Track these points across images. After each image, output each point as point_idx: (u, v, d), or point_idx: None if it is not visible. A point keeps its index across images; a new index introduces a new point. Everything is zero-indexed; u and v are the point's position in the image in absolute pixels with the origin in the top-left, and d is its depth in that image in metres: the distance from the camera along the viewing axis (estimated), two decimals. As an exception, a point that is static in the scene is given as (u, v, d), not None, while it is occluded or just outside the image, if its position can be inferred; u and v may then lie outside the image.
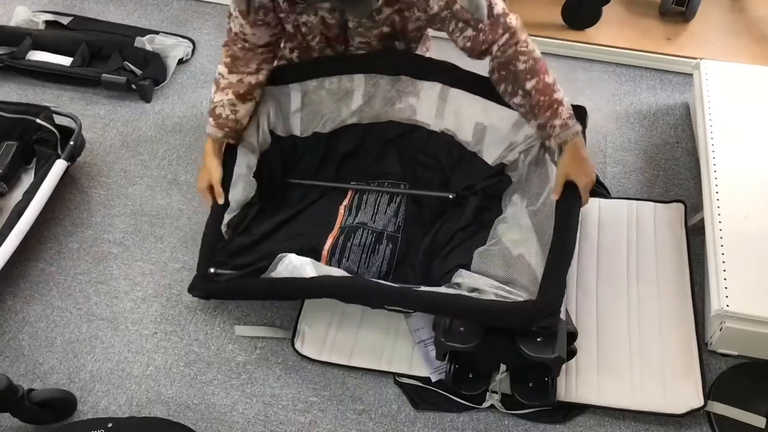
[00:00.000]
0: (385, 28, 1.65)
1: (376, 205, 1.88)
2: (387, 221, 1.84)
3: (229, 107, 1.74)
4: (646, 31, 2.58)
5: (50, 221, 2.02)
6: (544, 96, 1.56)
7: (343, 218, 1.86)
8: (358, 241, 1.77)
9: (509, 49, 1.57)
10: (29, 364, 1.74)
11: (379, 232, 1.81)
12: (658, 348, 1.70)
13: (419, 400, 1.67)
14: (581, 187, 1.58)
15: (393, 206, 1.88)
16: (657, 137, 2.28)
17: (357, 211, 1.87)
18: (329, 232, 1.81)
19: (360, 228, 1.80)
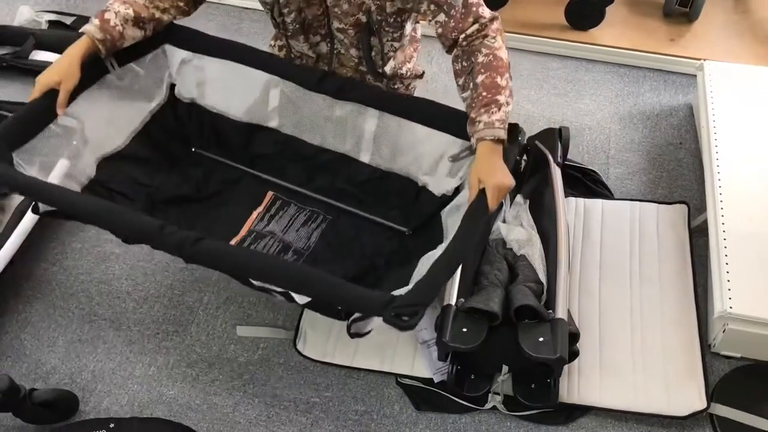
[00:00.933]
0: (361, 15, 1.60)
1: (290, 221, 1.82)
2: (298, 238, 1.79)
3: (120, 20, 1.62)
4: (649, 32, 2.58)
5: (53, 221, 2.02)
6: (487, 92, 1.47)
7: (252, 223, 1.81)
8: (262, 247, 1.74)
9: (475, 41, 1.51)
10: (31, 364, 1.74)
11: (286, 244, 1.77)
12: (661, 350, 1.70)
13: (421, 402, 1.67)
14: (488, 189, 1.42)
15: (307, 228, 1.81)
16: (660, 138, 2.28)
17: (270, 220, 1.82)
18: (234, 235, 1.76)
19: (267, 236, 1.78)
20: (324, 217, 1.84)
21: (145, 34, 1.69)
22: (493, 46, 1.50)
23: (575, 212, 1.98)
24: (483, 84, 1.48)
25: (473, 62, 1.51)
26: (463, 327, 1.52)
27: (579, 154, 2.22)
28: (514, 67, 2.49)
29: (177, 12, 1.72)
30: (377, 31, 1.64)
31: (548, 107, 2.39)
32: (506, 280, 1.64)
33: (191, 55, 1.80)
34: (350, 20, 1.60)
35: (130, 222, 1.42)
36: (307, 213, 1.84)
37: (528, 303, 1.51)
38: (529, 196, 1.87)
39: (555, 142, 1.92)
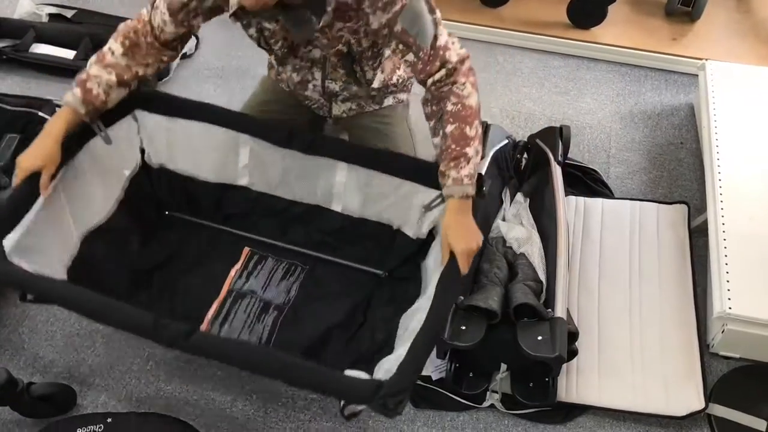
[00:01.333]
0: (341, 46, 1.60)
1: (269, 276, 1.84)
2: (277, 294, 1.81)
3: (104, 87, 1.60)
4: (651, 31, 2.57)
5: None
6: (456, 145, 1.48)
7: (231, 281, 1.83)
8: (244, 308, 1.77)
9: (443, 87, 1.50)
10: (29, 358, 1.74)
11: (267, 302, 1.79)
12: (660, 349, 1.70)
13: (419, 399, 1.66)
14: (457, 253, 1.45)
15: (286, 282, 1.83)
16: (661, 138, 2.28)
17: (249, 277, 1.84)
18: (215, 296, 1.79)
19: (248, 296, 1.80)
20: (302, 268, 1.86)
21: (129, 90, 1.67)
22: (462, 95, 1.49)
23: (575, 211, 1.97)
24: (452, 135, 1.49)
25: (442, 109, 1.51)
26: (461, 325, 1.51)
27: (580, 152, 2.22)
28: (516, 65, 2.51)
29: (162, 62, 1.69)
30: (358, 60, 1.65)
31: (549, 105, 2.38)
32: (506, 279, 1.64)
33: (162, 118, 1.79)
34: (331, 51, 1.62)
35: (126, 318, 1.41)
36: (285, 266, 1.87)
37: (527, 301, 1.51)
38: (530, 195, 1.87)
39: (556, 141, 1.92)
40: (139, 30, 1.63)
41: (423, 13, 1.46)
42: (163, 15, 1.59)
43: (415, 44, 1.48)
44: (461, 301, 1.55)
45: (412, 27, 1.46)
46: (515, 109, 2.37)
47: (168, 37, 1.63)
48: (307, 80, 1.71)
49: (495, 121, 2.25)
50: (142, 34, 1.63)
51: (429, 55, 1.49)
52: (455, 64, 1.49)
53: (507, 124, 2.31)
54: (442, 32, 1.49)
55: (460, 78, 1.50)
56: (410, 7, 1.45)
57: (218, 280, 1.83)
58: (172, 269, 1.84)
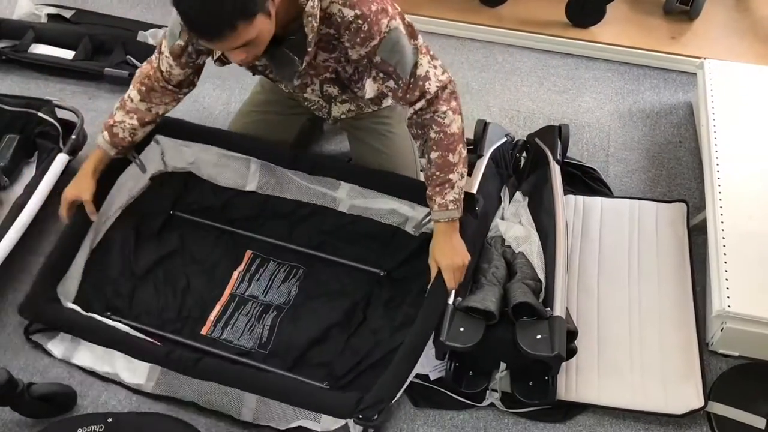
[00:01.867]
0: (328, 74, 1.64)
1: (270, 279, 1.87)
2: (278, 295, 1.84)
3: (129, 131, 1.77)
4: (650, 30, 2.58)
5: (51, 215, 2.01)
6: (440, 172, 1.55)
7: (234, 284, 1.86)
8: (246, 311, 1.80)
9: (425, 115, 1.54)
10: (29, 358, 1.74)
11: (267, 304, 1.82)
12: (659, 348, 1.70)
13: (419, 398, 1.67)
14: (444, 271, 1.57)
15: (287, 284, 1.85)
16: (660, 136, 2.28)
17: (251, 280, 1.87)
18: (218, 297, 1.83)
19: (249, 301, 1.83)
20: (303, 270, 1.88)
21: (156, 124, 1.83)
22: (443, 123, 1.53)
23: (574, 210, 1.98)
24: (436, 163, 1.55)
25: (426, 135, 1.56)
26: (460, 326, 1.52)
27: (578, 151, 2.22)
28: (515, 64, 2.51)
29: (180, 98, 1.79)
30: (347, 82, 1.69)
31: (548, 104, 2.39)
32: (504, 278, 1.65)
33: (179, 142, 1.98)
34: (321, 77, 1.67)
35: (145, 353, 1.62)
36: (286, 268, 1.89)
37: (526, 300, 1.51)
38: (529, 194, 1.87)
39: (555, 140, 1.93)
40: (151, 76, 1.72)
41: (403, 43, 1.48)
42: (167, 59, 1.66)
43: (395, 73, 1.51)
44: (459, 303, 1.55)
45: (392, 57, 1.49)
46: (514, 108, 2.37)
47: (178, 79, 1.71)
48: (306, 84, 1.72)
49: (494, 119, 2.25)
50: (155, 79, 1.71)
51: (408, 84, 1.51)
52: (435, 92, 1.52)
53: (506, 122, 2.31)
54: (422, 61, 1.51)
55: (440, 106, 1.53)
56: (389, 39, 1.47)
57: (221, 281, 1.85)
58: (176, 267, 1.87)
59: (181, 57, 1.64)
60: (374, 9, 1.43)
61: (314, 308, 1.79)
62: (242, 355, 1.70)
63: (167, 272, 1.86)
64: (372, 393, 1.49)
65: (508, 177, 1.93)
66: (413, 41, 1.50)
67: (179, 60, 1.65)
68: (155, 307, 1.79)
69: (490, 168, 1.87)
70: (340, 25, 1.45)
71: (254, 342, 1.74)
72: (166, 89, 1.73)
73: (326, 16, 1.44)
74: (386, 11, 1.45)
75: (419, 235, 1.83)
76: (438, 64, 1.54)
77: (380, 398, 1.48)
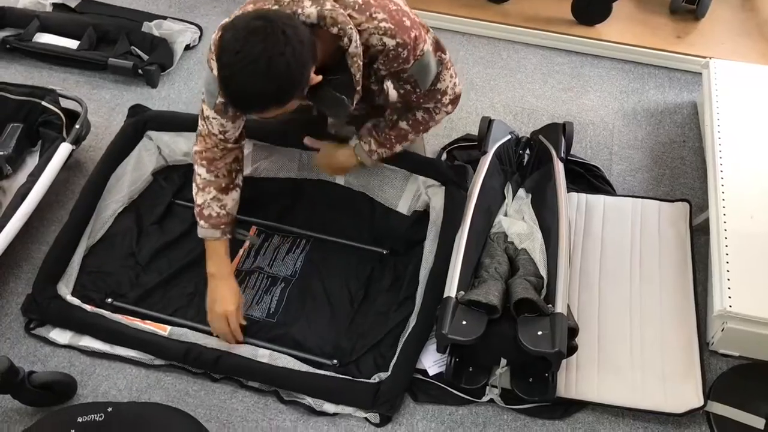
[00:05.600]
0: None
1: (276, 252, 1.90)
2: (284, 267, 1.88)
3: (215, 204, 1.67)
4: (655, 29, 2.57)
5: (54, 204, 2.02)
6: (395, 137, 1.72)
7: (240, 260, 1.88)
8: (252, 284, 1.84)
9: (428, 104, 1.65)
10: (30, 347, 1.74)
11: (274, 277, 1.85)
12: (659, 347, 1.70)
13: (419, 392, 1.67)
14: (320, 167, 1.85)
15: (293, 255, 1.90)
16: (664, 136, 2.28)
17: (256, 255, 1.89)
18: None
19: (256, 272, 1.85)
20: (306, 241, 1.92)
21: (239, 188, 1.73)
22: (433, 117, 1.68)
23: (577, 208, 1.97)
24: (398, 129, 1.70)
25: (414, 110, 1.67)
26: (462, 320, 1.52)
27: (582, 149, 2.22)
28: (520, 61, 2.50)
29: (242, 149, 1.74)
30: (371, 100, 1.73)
31: (552, 102, 2.38)
32: (506, 274, 1.65)
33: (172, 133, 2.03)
34: None
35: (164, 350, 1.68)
36: (290, 240, 1.92)
37: (528, 296, 1.51)
38: (532, 191, 1.87)
39: (558, 137, 1.92)
40: (208, 148, 1.66)
41: (431, 63, 1.55)
42: (216, 120, 1.60)
43: (416, 84, 1.56)
44: (462, 296, 1.55)
45: (418, 73, 1.54)
46: (518, 105, 2.37)
47: (234, 134, 1.66)
48: None
49: (498, 116, 2.25)
50: (212, 146, 1.66)
51: (426, 93, 1.58)
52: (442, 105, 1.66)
53: (510, 119, 2.31)
54: (444, 75, 1.58)
55: (441, 107, 1.66)
56: (421, 62, 1.51)
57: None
58: (181, 252, 1.89)
59: (228, 111, 1.58)
60: (413, 35, 1.45)
61: (319, 284, 1.83)
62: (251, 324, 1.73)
63: (171, 258, 1.87)
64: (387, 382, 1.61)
65: (512, 174, 1.92)
66: (438, 54, 1.56)
67: (228, 115, 1.59)
68: (160, 290, 1.80)
69: (494, 165, 1.87)
70: (379, 53, 1.45)
71: (262, 312, 1.77)
72: (226, 149, 1.66)
73: (366, 49, 1.44)
74: (421, 36, 1.48)
75: (411, 215, 1.91)
76: (455, 73, 1.62)
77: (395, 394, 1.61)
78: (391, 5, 1.43)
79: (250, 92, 1.29)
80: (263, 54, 1.25)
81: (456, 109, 1.71)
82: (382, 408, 1.60)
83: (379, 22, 1.40)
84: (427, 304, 1.71)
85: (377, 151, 1.74)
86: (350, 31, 1.37)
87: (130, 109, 2.08)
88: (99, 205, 1.91)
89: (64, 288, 1.77)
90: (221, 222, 1.68)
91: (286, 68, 1.27)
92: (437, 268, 1.73)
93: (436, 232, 1.84)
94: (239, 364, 1.65)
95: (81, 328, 1.73)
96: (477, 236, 1.71)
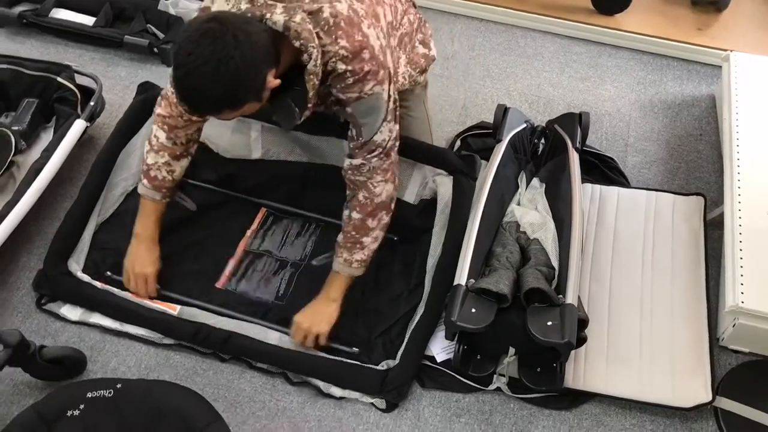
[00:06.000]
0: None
1: (284, 235, 1.90)
2: (293, 251, 1.87)
3: (165, 169, 1.70)
4: (676, 20, 2.54)
5: (67, 181, 2.02)
6: (356, 232, 1.62)
7: (248, 241, 1.88)
8: (261, 267, 1.83)
9: (360, 177, 1.58)
10: (41, 321, 1.76)
11: (282, 261, 1.85)
12: (669, 340, 1.69)
13: (426, 379, 1.67)
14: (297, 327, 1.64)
15: (302, 238, 1.89)
16: (680, 128, 2.25)
17: (264, 236, 1.89)
18: (231, 254, 1.85)
19: (264, 256, 1.85)
20: (316, 225, 1.92)
21: (191, 156, 1.75)
22: (374, 192, 1.59)
23: (590, 199, 1.96)
24: (354, 223, 1.62)
25: (354, 194, 1.61)
26: (472, 307, 1.51)
27: (597, 140, 2.20)
28: (537, 49, 2.48)
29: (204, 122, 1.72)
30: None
31: (569, 91, 2.36)
32: (518, 263, 1.64)
33: None
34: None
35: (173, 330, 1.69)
36: (300, 223, 1.92)
37: (538, 286, 1.51)
38: (546, 180, 1.86)
39: (574, 127, 1.91)
40: (172, 115, 1.66)
41: (379, 109, 1.50)
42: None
43: (359, 129, 1.53)
44: (472, 284, 1.55)
45: (362, 116, 1.51)
46: (534, 94, 2.35)
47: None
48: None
49: (514, 104, 2.23)
50: (177, 115, 1.66)
51: (364, 143, 1.54)
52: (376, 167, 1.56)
53: (525, 108, 2.29)
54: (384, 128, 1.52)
55: (376, 176, 1.58)
56: (366, 101, 1.48)
57: (235, 240, 1.88)
58: (189, 231, 1.89)
59: None
60: (366, 69, 1.43)
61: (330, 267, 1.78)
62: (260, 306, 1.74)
63: (180, 236, 1.87)
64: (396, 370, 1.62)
65: (526, 163, 1.91)
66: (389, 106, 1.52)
67: None
68: (168, 269, 1.80)
69: (509, 153, 1.86)
70: (331, 73, 1.44)
71: (270, 294, 1.77)
72: (189, 121, 1.67)
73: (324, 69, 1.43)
74: (376, 76, 1.45)
75: (419, 203, 1.91)
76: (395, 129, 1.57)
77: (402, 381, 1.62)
78: (357, 36, 1.41)
79: (200, 94, 1.30)
80: (212, 57, 1.25)
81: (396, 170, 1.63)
82: (389, 395, 1.61)
83: (339, 48, 1.40)
84: (434, 293, 1.71)
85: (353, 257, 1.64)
86: (311, 49, 1.36)
87: (139, 86, 2.07)
88: (109, 182, 1.91)
89: (75, 264, 1.77)
90: (164, 186, 1.72)
91: (234, 71, 1.26)
92: (445, 259, 1.73)
93: (444, 221, 1.83)
94: (248, 345, 1.65)
95: (91, 304, 1.74)
96: (489, 225, 1.70)
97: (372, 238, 1.63)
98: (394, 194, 1.63)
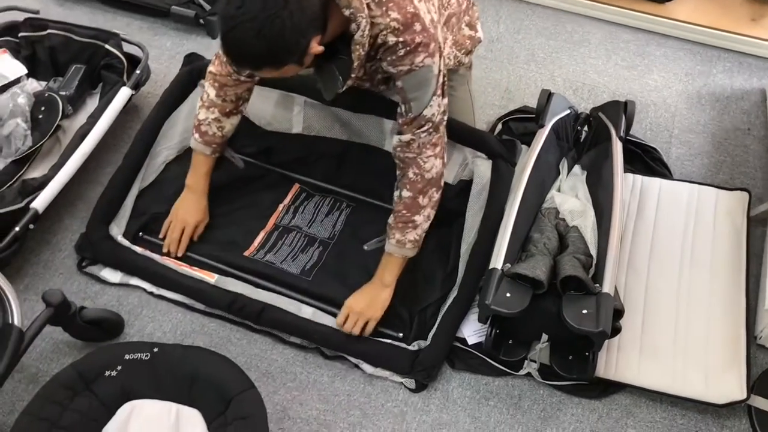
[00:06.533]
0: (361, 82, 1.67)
1: (315, 212, 1.90)
2: (323, 229, 1.87)
3: (215, 125, 1.75)
4: (729, 10, 2.47)
5: (111, 147, 2.06)
6: (407, 211, 1.61)
7: (279, 215, 1.88)
8: (289, 242, 1.84)
9: (410, 153, 1.57)
10: (82, 283, 1.80)
11: (311, 237, 1.85)
12: (705, 336, 1.67)
13: (456, 360, 1.67)
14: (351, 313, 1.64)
15: (332, 217, 1.89)
16: (728, 122, 2.20)
17: (295, 213, 1.89)
18: (262, 226, 1.86)
19: (294, 231, 1.85)
20: (347, 204, 1.92)
21: (241, 114, 1.80)
22: (423, 168, 1.58)
23: (632, 189, 1.94)
24: (405, 201, 1.61)
25: (404, 172, 1.60)
26: (507, 292, 1.51)
27: (641, 130, 2.17)
28: (584, 35, 2.44)
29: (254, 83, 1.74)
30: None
31: (614, 79, 2.32)
32: (555, 250, 1.63)
33: None
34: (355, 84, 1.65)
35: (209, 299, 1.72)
36: (331, 201, 1.92)
37: (576, 274, 1.50)
38: (588, 168, 1.84)
39: (619, 116, 1.88)
40: (222, 74, 1.70)
41: (429, 83, 1.48)
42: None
43: (408, 105, 1.51)
44: (508, 269, 1.54)
45: (412, 91, 1.49)
46: (579, 80, 2.32)
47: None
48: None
49: (558, 90, 2.20)
50: (227, 74, 1.69)
51: (413, 119, 1.52)
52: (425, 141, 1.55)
53: (570, 94, 2.26)
54: (434, 102, 1.51)
55: (426, 150, 1.56)
56: (417, 73, 1.46)
57: (266, 213, 1.90)
58: (222, 201, 1.90)
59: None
60: (417, 41, 1.42)
61: (359, 246, 1.82)
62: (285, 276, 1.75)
63: (212, 205, 1.87)
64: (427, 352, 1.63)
65: (568, 150, 1.89)
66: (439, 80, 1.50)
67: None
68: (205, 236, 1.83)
69: (551, 139, 1.84)
70: (381, 46, 1.44)
71: (297, 269, 1.78)
72: (239, 81, 1.70)
73: (372, 41, 1.42)
74: (427, 48, 1.44)
75: (457, 184, 1.90)
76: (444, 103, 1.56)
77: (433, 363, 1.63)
78: (409, 8, 1.40)
79: (243, 49, 1.30)
80: (261, 13, 1.25)
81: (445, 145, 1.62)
82: (419, 375, 1.62)
83: (390, 20, 1.39)
84: (468, 278, 1.70)
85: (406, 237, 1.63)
86: (360, 18, 1.35)
87: (185, 57, 2.09)
88: (152, 150, 1.94)
89: (116, 229, 1.81)
90: (214, 141, 1.77)
91: (279, 31, 1.26)
92: (480, 243, 1.72)
93: (480, 205, 1.82)
94: (282, 319, 1.67)
95: (131, 269, 1.77)
96: (528, 210, 1.69)
97: (424, 217, 1.62)
98: (443, 170, 1.62)
